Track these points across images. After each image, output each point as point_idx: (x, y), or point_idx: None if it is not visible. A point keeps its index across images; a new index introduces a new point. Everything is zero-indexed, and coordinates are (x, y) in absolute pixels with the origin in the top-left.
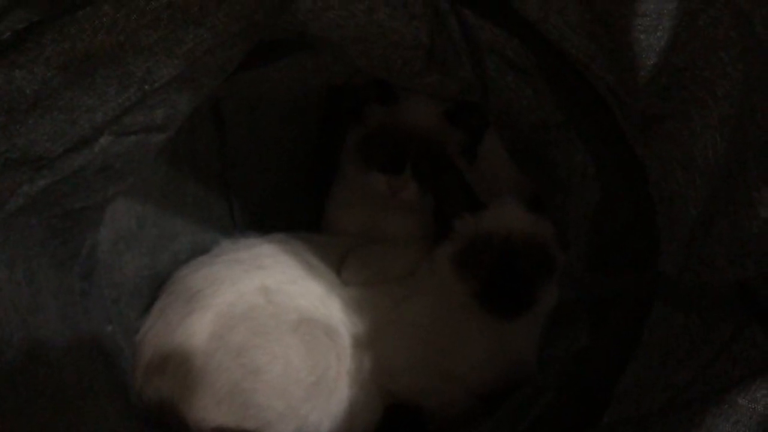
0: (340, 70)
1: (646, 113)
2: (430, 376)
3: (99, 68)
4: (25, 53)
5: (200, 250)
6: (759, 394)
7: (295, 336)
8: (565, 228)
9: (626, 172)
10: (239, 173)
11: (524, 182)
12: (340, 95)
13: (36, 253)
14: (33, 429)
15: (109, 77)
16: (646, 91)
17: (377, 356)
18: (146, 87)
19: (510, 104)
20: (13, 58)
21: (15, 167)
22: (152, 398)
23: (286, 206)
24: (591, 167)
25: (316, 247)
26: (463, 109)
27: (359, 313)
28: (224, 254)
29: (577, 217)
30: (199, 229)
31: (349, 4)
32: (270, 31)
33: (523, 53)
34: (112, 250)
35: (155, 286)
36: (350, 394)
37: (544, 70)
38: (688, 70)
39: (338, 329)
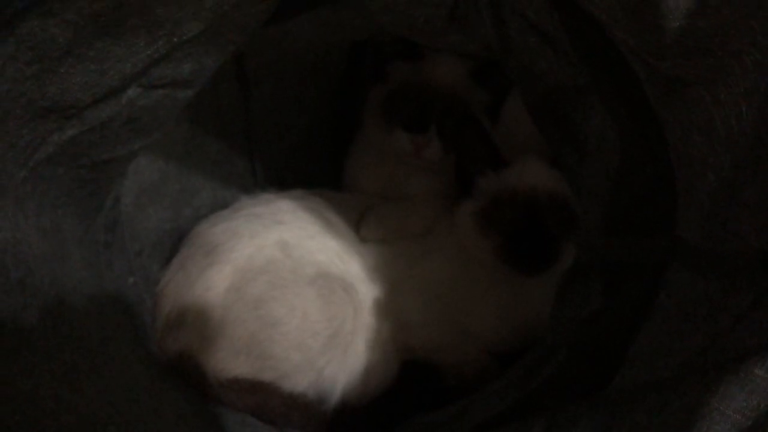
0: (362, 26)
1: (670, 75)
2: (446, 333)
3: (129, 18)
4: (58, 0)
5: (221, 206)
6: None
7: (312, 289)
8: (577, 192)
9: (648, 136)
10: (262, 130)
11: (545, 144)
12: (362, 52)
13: (62, 203)
14: (60, 369)
15: (138, 28)
16: (670, 51)
17: (394, 312)
18: (174, 40)
19: (531, 66)
20: (48, 5)
21: (46, 116)
22: (171, 348)
23: (307, 163)
24: (611, 131)
25: (335, 204)
26: (489, 68)
27: (377, 270)
28: (244, 209)
29: (592, 182)
30: (220, 185)
31: None
32: None
33: (546, 14)
34: (135, 203)
35: (177, 240)
36: (366, 348)
37: (567, 30)
38: (716, 37)
39: (355, 284)
